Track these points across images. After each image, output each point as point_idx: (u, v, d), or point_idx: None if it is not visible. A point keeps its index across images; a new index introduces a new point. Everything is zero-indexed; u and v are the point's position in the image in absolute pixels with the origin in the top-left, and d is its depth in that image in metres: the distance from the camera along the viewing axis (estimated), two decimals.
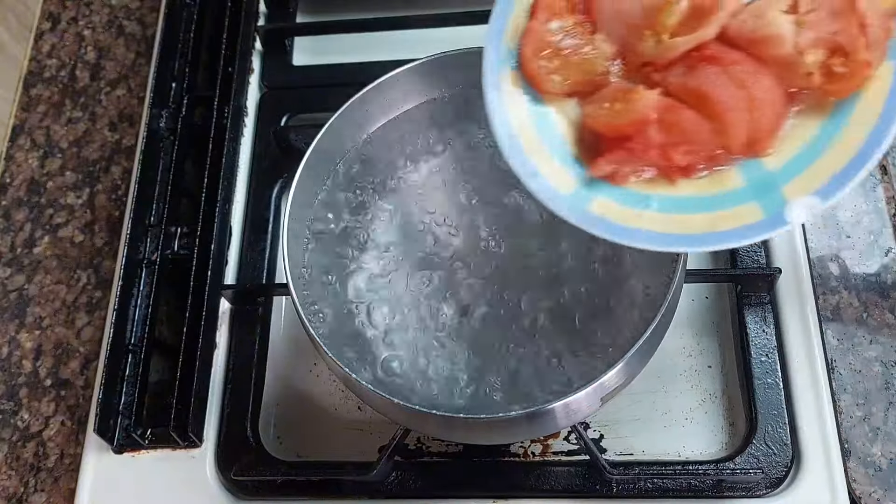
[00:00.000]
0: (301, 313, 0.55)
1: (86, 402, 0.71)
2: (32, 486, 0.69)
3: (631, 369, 0.54)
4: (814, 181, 0.44)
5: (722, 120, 0.44)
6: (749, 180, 0.46)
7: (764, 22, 0.42)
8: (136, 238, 0.72)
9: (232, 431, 0.67)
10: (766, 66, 0.44)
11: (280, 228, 0.61)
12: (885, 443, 0.63)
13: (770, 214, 0.45)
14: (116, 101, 0.85)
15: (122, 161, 0.82)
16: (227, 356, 0.70)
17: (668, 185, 0.46)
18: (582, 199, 0.47)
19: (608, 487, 0.62)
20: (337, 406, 0.69)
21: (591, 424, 0.65)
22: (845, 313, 0.67)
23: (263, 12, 0.85)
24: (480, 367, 0.59)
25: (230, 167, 0.75)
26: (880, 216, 0.70)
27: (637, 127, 0.45)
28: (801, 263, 0.68)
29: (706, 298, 0.70)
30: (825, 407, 0.63)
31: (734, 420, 0.65)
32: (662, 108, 0.44)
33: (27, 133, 0.84)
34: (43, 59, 0.88)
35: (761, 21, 0.43)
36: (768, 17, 0.42)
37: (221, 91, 0.76)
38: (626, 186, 0.47)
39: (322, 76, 0.80)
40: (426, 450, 0.66)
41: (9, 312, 0.76)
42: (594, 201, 0.47)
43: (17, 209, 0.81)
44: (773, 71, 0.44)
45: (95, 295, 0.76)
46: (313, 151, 0.60)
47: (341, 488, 0.64)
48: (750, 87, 0.43)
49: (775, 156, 0.45)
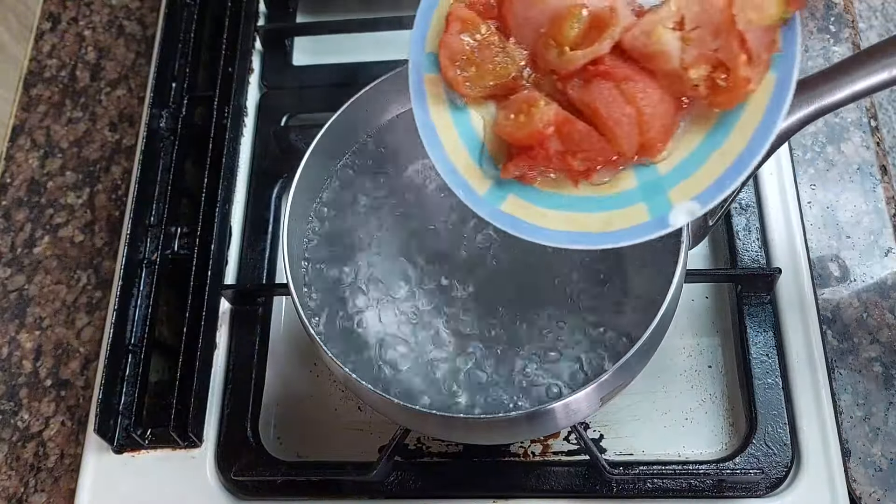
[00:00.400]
0: (301, 313, 0.55)
1: (86, 402, 0.71)
2: (32, 487, 0.69)
3: (631, 369, 0.54)
4: (696, 186, 0.47)
5: (611, 133, 0.47)
6: (641, 183, 0.49)
7: (652, 39, 0.45)
8: (136, 238, 0.72)
9: (232, 431, 0.67)
10: (656, 78, 0.46)
11: (280, 228, 0.61)
12: (885, 443, 0.63)
13: (655, 217, 0.48)
14: (116, 101, 0.85)
15: (122, 161, 0.82)
16: (227, 356, 0.70)
17: (571, 186, 0.50)
18: (495, 198, 0.51)
19: (608, 487, 0.62)
20: (337, 406, 0.69)
21: (591, 424, 0.65)
22: (845, 313, 0.67)
23: (263, 12, 0.85)
24: (482, 364, 0.59)
25: (230, 167, 0.75)
26: (880, 216, 0.70)
27: (536, 139, 0.48)
28: (801, 263, 0.68)
29: (706, 298, 0.70)
30: (825, 407, 0.63)
31: (734, 420, 0.65)
32: (559, 122, 0.47)
33: (27, 133, 0.84)
34: (43, 59, 0.88)
35: (649, 38, 0.45)
36: (655, 35, 0.44)
37: (221, 91, 0.76)
38: (535, 186, 0.50)
39: (322, 76, 0.80)
40: (426, 450, 0.66)
41: (9, 312, 0.76)
42: (506, 200, 0.51)
43: (17, 209, 0.81)
44: (662, 83, 0.46)
45: (95, 295, 0.76)
46: (313, 151, 0.60)
47: (341, 488, 0.64)
48: (638, 102, 0.46)
49: (667, 161, 0.48)
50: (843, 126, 0.74)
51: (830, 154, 0.73)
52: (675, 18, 0.44)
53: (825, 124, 0.74)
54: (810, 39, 0.78)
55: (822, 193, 0.72)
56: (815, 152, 0.73)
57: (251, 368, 0.69)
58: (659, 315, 0.51)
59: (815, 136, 0.74)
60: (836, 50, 0.77)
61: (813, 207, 0.71)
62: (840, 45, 0.78)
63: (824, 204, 0.71)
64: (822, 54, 0.77)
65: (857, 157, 0.73)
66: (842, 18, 0.79)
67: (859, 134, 0.73)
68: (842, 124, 0.74)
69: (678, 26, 0.44)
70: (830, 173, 0.72)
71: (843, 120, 0.74)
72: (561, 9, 0.47)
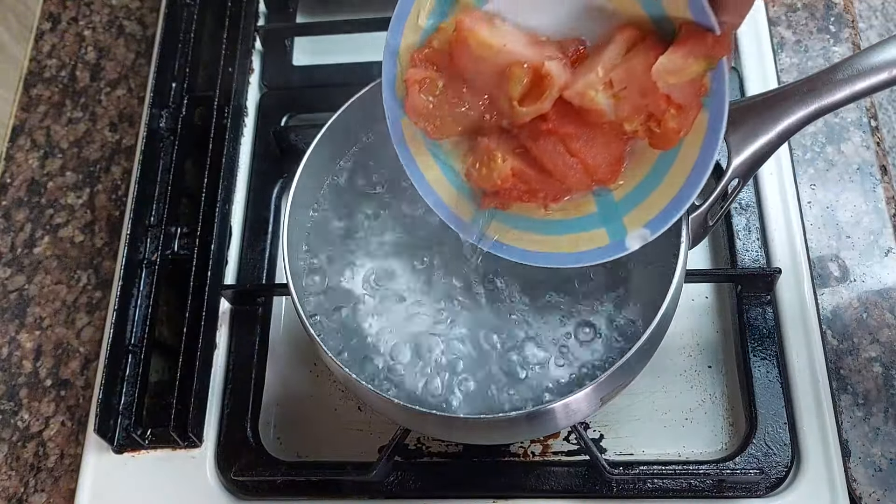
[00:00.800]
0: (301, 313, 0.55)
1: (86, 402, 0.71)
2: (32, 487, 0.69)
3: (631, 369, 0.54)
4: (646, 214, 0.51)
5: (562, 178, 0.51)
6: (600, 208, 0.53)
7: (585, 101, 0.47)
8: (136, 238, 0.72)
9: (232, 431, 0.67)
10: (598, 127, 0.49)
11: (280, 228, 0.61)
12: (885, 443, 0.63)
13: (614, 240, 0.53)
14: (116, 101, 0.85)
15: (122, 161, 0.82)
16: (227, 356, 0.70)
17: (542, 211, 0.55)
18: (479, 224, 0.57)
19: (608, 487, 0.62)
20: (337, 406, 0.69)
21: (591, 424, 0.65)
22: (845, 313, 0.67)
23: (263, 12, 0.85)
24: (481, 364, 0.59)
25: (230, 167, 0.75)
26: (880, 216, 0.70)
27: (500, 186, 0.52)
28: (801, 263, 0.68)
29: (706, 298, 0.70)
30: (825, 407, 0.63)
31: (734, 420, 0.65)
32: (517, 172, 0.52)
33: (27, 133, 0.84)
34: (43, 59, 0.88)
35: (583, 99, 0.47)
36: (587, 97, 0.47)
37: (221, 91, 0.76)
38: (512, 212, 0.55)
39: (322, 76, 0.80)
40: (426, 450, 0.66)
41: (9, 312, 0.76)
42: (489, 226, 0.57)
43: (17, 209, 0.81)
44: (604, 130, 0.49)
45: (95, 295, 0.76)
46: (313, 151, 0.60)
47: (341, 488, 0.64)
48: (582, 154, 0.50)
49: (622, 187, 0.52)
50: (843, 126, 0.74)
51: (830, 154, 0.73)
52: (603, 81, 0.47)
53: (825, 124, 0.74)
54: (810, 39, 0.78)
55: (822, 193, 0.72)
56: (815, 152, 0.73)
57: (251, 368, 0.69)
58: (659, 315, 0.51)
59: (815, 136, 0.74)
60: (836, 50, 0.77)
61: (813, 207, 0.71)
62: (840, 45, 0.78)
63: (824, 204, 0.71)
64: (822, 54, 0.77)
65: (857, 157, 0.73)
66: (842, 18, 0.79)
67: (859, 134, 0.73)
68: (842, 124, 0.74)
69: (608, 86, 0.47)
70: (830, 173, 0.72)
71: (843, 120, 0.74)
72: (504, 67, 0.49)
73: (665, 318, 0.52)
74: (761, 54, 0.76)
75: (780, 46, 0.78)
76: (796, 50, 0.78)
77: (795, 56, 0.77)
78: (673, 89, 0.45)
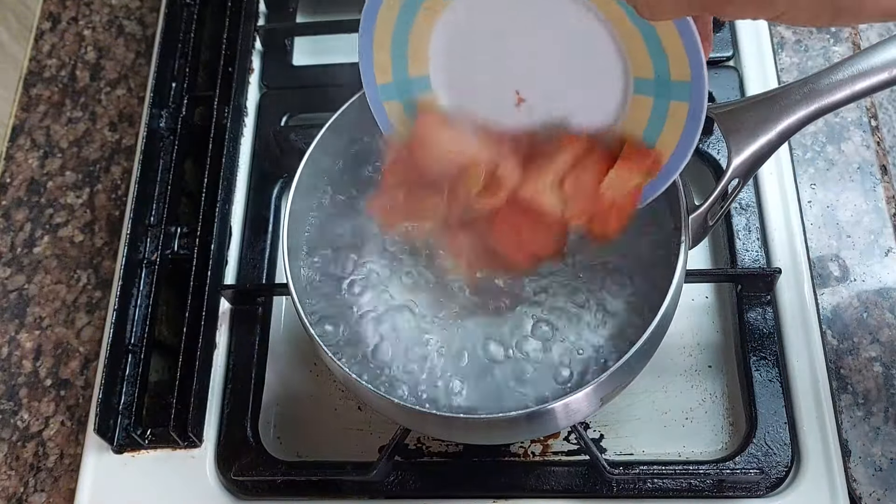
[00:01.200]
0: (301, 313, 0.55)
1: (86, 402, 0.71)
2: (32, 486, 0.69)
3: (631, 369, 0.54)
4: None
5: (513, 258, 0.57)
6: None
7: (535, 203, 0.53)
8: (136, 238, 0.72)
9: (232, 431, 0.67)
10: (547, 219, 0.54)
11: (280, 228, 0.61)
12: (885, 443, 0.63)
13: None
14: (116, 101, 0.85)
15: (122, 161, 0.82)
16: (227, 356, 0.70)
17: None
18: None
19: (608, 487, 0.62)
20: (337, 406, 0.69)
21: (591, 424, 0.65)
22: (845, 313, 0.67)
23: (263, 12, 0.85)
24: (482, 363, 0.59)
25: (230, 167, 0.75)
26: (880, 216, 0.70)
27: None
28: (801, 263, 0.68)
29: (706, 298, 0.70)
30: (825, 407, 0.63)
31: (734, 420, 0.65)
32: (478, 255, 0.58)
33: (27, 133, 0.84)
34: (43, 58, 0.88)
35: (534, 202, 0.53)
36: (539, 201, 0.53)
37: (221, 91, 0.76)
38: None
39: (322, 76, 0.80)
40: (426, 450, 0.66)
41: (9, 312, 0.76)
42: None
43: (17, 209, 0.81)
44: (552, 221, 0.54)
45: (95, 295, 0.76)
46: (313, 151, 0.60)
47: (341, 488, 0.64)
48: (530, 241, 0.56)
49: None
50: (843, 126, 0.74)
51: (830, 154, 0.73)
52: (555, 184, 0.53)
53: (825, 124, 0.74)
54: (810, 39, 0.78)
55: (822, 193, 0.72)
56: (815, 152, 0.73)
57: (251, 368, 0.69)
58: (659, 315, 0.51)
59: (815, 135, 0.74)
60: (836, 50, 0.77)
61: (813, 207, 0.71)
62: (840, 45, 0.78)
63: (824, 203, 0.71)
64: (822, 54, 0.77)
65: (857, 157, 0.72)
66: None
67: (859, 133, 0.73)
68: (842, 124, 0.74)
69: (560, 183, 0.53)
70: (830, 173, 0.72)
71: (843, 120, 0.74)
72: (461, 167, 0.55)
73: (665, 318, 0.52)
74: (761, 54, 0.76)
75: (780, 46, 0.78)
76: (796, 50, 0.78)
77: (795, 56, 0.77)
78: (616, 197, 0.53)
